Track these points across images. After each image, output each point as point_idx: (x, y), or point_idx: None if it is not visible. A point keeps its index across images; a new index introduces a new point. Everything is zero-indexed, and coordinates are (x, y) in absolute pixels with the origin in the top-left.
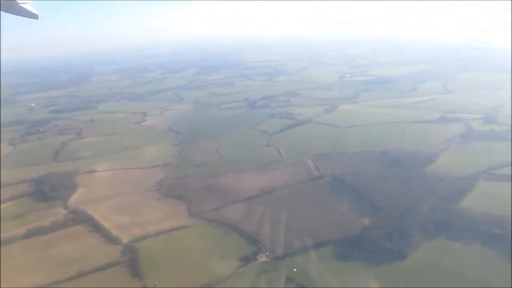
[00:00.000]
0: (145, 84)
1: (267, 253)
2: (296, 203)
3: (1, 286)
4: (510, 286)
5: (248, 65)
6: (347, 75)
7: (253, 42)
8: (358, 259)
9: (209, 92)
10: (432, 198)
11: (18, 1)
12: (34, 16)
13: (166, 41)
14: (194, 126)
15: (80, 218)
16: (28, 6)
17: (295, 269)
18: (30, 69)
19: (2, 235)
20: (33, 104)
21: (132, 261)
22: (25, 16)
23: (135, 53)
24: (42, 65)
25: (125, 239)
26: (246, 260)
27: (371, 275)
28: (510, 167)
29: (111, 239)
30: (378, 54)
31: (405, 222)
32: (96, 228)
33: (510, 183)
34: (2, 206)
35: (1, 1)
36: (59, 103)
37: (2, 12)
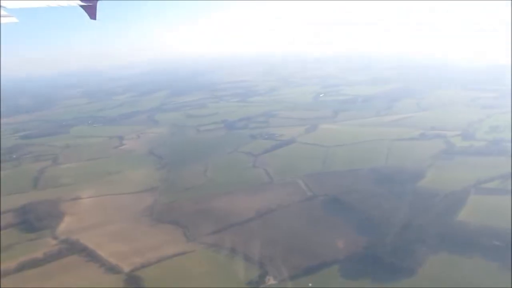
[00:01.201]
0: (117, 107)
1: (274, 276)
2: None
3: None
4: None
5: (219, 86)
6: (321, 95)
7: (220, 62)
8: (367, 277)
9: (184, 114)
10: (429, 213)
11: None
12: None
13: (130, 62)
14: (175, 149)
15: (73, 248)
16: None
17: None
18: None
19: None
20: None
21: None
22: None
23: (100, 75)
24: None
25: (126, 268)
26: (254, 283)
27: None
28: (496, 181)
29: (110, 269)
30: (346, 74)
31: (407, 237)
32: (93, 257)
33: (500, 197)
34: None
35: None
36: (28, 128)
37: None
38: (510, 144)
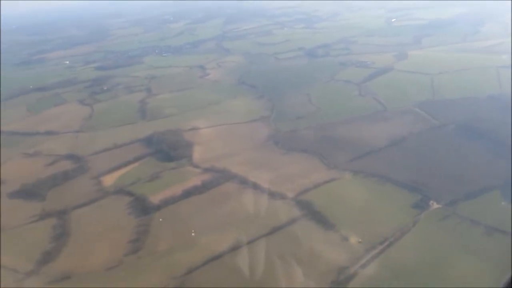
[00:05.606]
0: (177, 36)
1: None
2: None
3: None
4: None
5: (274, 12)
6: (393, 20)
7: None
8: None
9: (253, 42)
10: None
11: None
12: None
13: None
14: (264, 78)
15: (224, 176)
16: None
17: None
18: (32, 26)
19: (156, 196)
20: (67, 62)
21: (314, 214)
22: None
23: (135, 3)
24: (42, 20)
25: (288, 194)
26: (419, 207)
27: None
28: None
29: (274, 195)
30: None
31: None
32: (248, 184)
33: None
34: (130, 167)
35: None
36: (96, 60)
37: None
38: None
